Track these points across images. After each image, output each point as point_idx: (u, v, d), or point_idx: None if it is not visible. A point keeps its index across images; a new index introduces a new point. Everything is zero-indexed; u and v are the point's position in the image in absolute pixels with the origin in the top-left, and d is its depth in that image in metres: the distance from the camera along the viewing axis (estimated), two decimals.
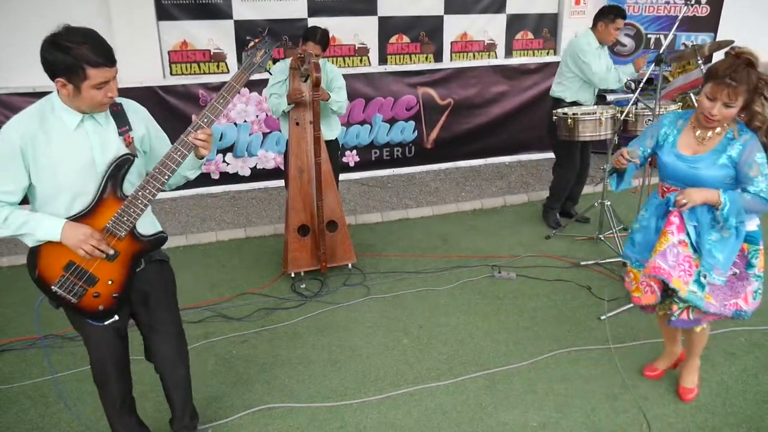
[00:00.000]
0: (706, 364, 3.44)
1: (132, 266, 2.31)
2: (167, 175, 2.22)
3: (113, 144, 2.23)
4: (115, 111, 2.25)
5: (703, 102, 2.61)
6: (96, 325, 2.33)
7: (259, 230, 5.35)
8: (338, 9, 6.14)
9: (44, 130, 2.12)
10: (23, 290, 4.44)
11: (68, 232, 2.13)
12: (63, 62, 1.99)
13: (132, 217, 2.22)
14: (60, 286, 2.21)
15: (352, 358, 3.57)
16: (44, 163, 2.12)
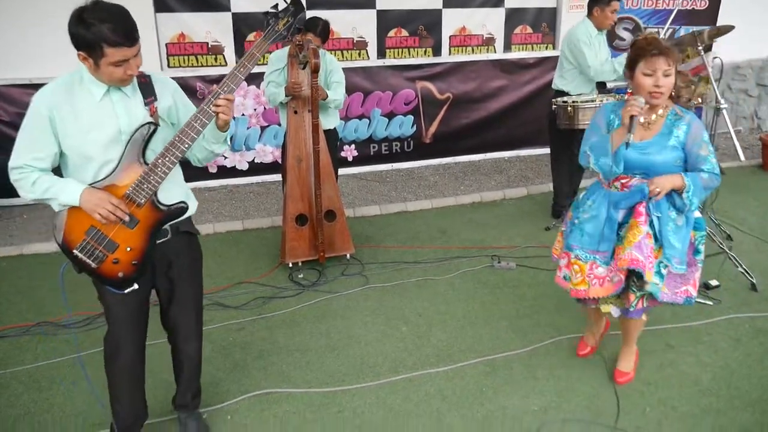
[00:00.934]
0: (709, 350, 3.40)
1: (152, 234, 2.31)
2: (187, 143, 2.22)
3: (139, 114, 2.26)
4: (142, 83, 2.30)
5: (644, 82, 2.62)
6: (116, 293, 2.34)
7: (257, 222, 5.30)
8: (336, 2, 6.12)
9: (71, 101, 2.19)
10: (18, 279, 4.40)
11: (86, 196, 2.18)
12: (83, 38, 2.04)
13: (152, 185, 2.23)
14: (81, 250, 2.24)
15: (350, 345, 3.53)
16: (71, 133, 2.19)
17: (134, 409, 2.62)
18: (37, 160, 2.20)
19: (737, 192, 5.83)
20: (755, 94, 7.95)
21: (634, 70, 2.66)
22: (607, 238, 2.80)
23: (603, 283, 2.82)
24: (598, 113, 2.90)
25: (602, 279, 2.82)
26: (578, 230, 2.86)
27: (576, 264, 2.85)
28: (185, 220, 2.47)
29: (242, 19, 5.92)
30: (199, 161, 2.52)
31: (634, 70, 2.66)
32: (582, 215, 2.87)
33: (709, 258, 4.36)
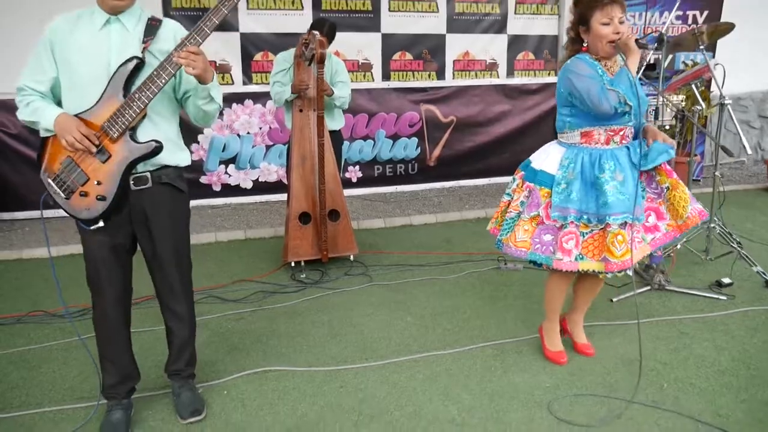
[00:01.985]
0: (726, 336, 3.29)
1: (124, 172, 2.25)
2: (164, 78, 2.18)
3: (131, 50, 2.25)
4: (151, 24, 2.30)
5: (602, 31, 2.60)
6: (85, 229, 2.29)
7: (259, 232, 5.25)
8: (342, 24, 6.21)
9: (75, 28, 2.26)
10: (14, 280, 4.32)
11: (60, 120, 2.19)
12: None
13: (126, 119, 2.19)
14: (54, 179, 2.25)
15: (353, 333, 3.41)
16: (64, 58, 2.24)
17: (120, 367, 2.51)
18: (36, 82, 2.24)
19: (744, 208, 5.78)
20: (757, 125, 8.00)
21: (589, 23, 2.62)
22: (639, 196, 2.67)
23: (636, 246, 2.69)
24: (580, 65, 2.65)
25: (634, 242, 2.68)
26: (618, 194, 2.60)
27: (619, 234, 2.62)
28: (169, 172, 2.38)
29: (250, 39, 6.04)
30: (194, 119, 2.45)
31: (589, 23, 2.62)
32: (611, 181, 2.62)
33: (720, 259, 4.29)
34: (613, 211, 2.60)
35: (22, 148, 5.52)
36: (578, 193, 2.67)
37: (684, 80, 4.45)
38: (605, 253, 2.67)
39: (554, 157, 2.81)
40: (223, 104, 5.95)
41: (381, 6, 6.33)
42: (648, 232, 2.77)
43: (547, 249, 2.77)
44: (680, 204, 2.72)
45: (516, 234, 2.82)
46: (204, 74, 2.24)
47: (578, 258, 2.71)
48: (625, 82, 2.57)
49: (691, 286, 3.95)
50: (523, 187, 2.87)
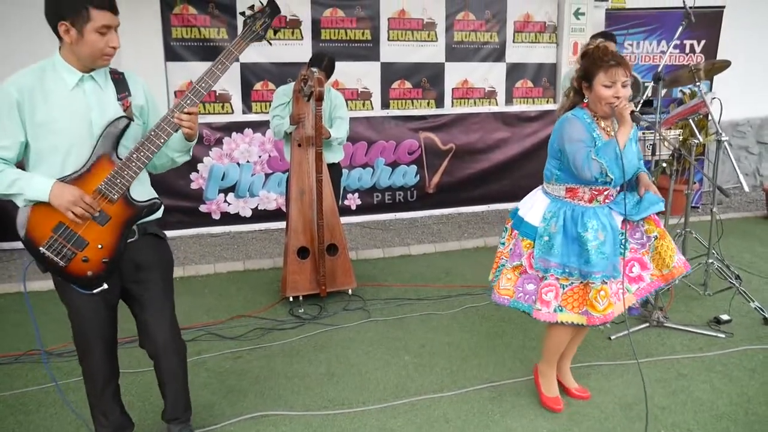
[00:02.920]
0: (724, 378, 3.28)
1: (124, 232, 2.24)
2: (163, 138, 2.19)
3: (111, 107, 2.22)
4: (116, 78, 2.27)
5: (604, 93, 2.60)
6: (84, 293, 2.23)
7: (259, 263, 5.25)
8: (342, 54, 6.28)
9: (43, 86, 2.13)
10: (13, 314, 4.32)
11: (57, 192, 2.09)
12: (68, 4, 2.04)
13: (125, 180, 2.17)
14: (48, 248, 2.14)
15: (351, 373, 3.41)
16: (40, 119, 2.12)
17: (113, 419, 2.51)
18: (2, 149, 2.10)
19: (743, 238, 5.78)
20: (756, 151, 8.02)
21: (592, 81, 2.63)
22: (616, 254, 2.71)
23: (620, 297, 2.73)
24: (574, 126, 2.65)
25: (617, 294, 2.73)
26: (598, 254, 2.63)
27: (602, 290, 2.66)
28: (152, 222, 2.38)
29: (250, 69, 6.08)
30: (155, 167, 2.42)
31: (592, 81, 2.63)
32: (594, 240, 2.64)
33: (719, 295, 4.29)
34: (595, 269, 2.64)
35: None
36: (560, 247, 2.69)
37: (681, 115, 4.47)
38: (587, 307, 2.70)
39: (538, 208, 2.82)
40: (223, 133, 5.99)
41: (380, 36, 6.37)
42: (632, 283, 2.80)
43: (529, 298, 2.82)
44: (667, 253, 2.76)
45: (500, 282, 2.89)
46: (193, 133, 2.27)
47: (557, 309, 2.75)
48: (611, 153, 2.55)
49: (690, 322, 3.94)
50: (512, 235, 2.92)
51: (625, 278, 2.76)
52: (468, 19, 6.63)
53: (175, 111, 2.19)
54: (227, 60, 2.27)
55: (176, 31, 5.81)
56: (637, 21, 6.71)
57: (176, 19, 5.79)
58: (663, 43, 6.65)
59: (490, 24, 6.70)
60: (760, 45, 7.64)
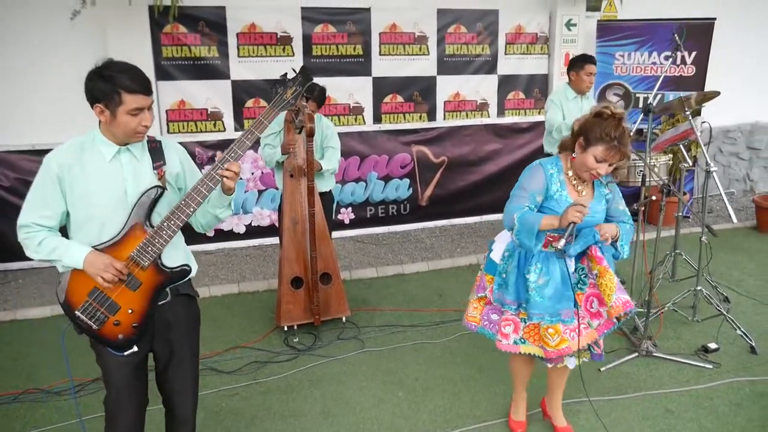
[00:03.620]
0: (711, 414, 3.35)
1: (154, 297, 2.30)
2: (192, 207, 2.24)
3: (146, 177, 2.30)
4: (153, 147, 2.35)
5: (591, 162, 2.64)
6: (116, 355, 2.32)
7: (253, 285, 5.28)
8: (334, 69, 6.29)
9: (81, 160, 2.24)
10: (8, 345, 4.33)
11: (90, 260, 2.20)
12: (102, 89, 2.14)
13: (156, 248, 2.24)
14: (83, 312, 2.25)
15: (346, 411, 3.46)
16: (79, 192, 2.23)
17: None
18: (44, 218, 2.24)
19: (732, 253, 5.85)
20: (746, 157, 8.08)
21: (588, 143, 2.64)
22: (567, 295, 2.79)
23: (582, 332, 2.81)
24: (533, 175, 2.74)
25: (577, 329, 2.80)
26: (537, 296, 2.76)
27: (550, 328, 2.78)
28: (185, 283, 2.46)
29: (241, 86, 6.07)
30: (202, 227, 2.52)
31: (588, 143, 2.64)
32: (535, 281, 2.76)
33: (708, 321, 4.36)
34: (534, 310, 2.79)
35: (14, 199, 5.54)
36: (514, 285, 2.84)
37: (671, 141, 4.51)
38: (541, 342, 2.84)
39: (500, 246, 2.96)
40: (215, 150, 5.99)
41: (372, 50, 6.37)
42: (594, 318, 2.88)
43: (493, 327, 2.99)
44: (605, 292, 2.79)
45: (468, 309, 3.08)
46: (233, 185, 2.32)
47: (519, 341, 2.90)
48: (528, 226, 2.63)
49: (678, 351, 4.02)
50: None
51: (587, 313, 2.87)
52: (459, 32, 6.62)
53: (204, 180, 2.24)
54: (257, 130, 2.32)
55: (166, 50, 5.79)
56: (629, 32, 6.72)
57: (166, 38, 5.76)
58: (654, 54, 6.67)
59: (482, 36, 6.71)
60: (750, 54, 7.68)
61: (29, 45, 5.56)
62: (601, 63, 6.83)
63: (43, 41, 5.56)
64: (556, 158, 2.81)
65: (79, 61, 5.62)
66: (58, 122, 5.62)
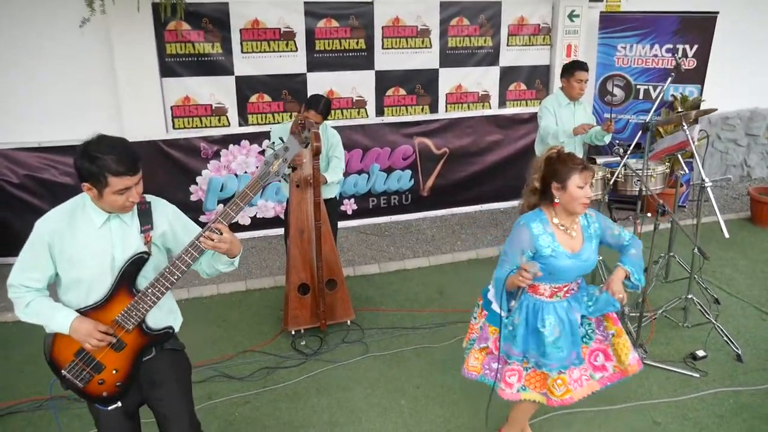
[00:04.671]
0: (695, 428, 3.55)
1: (138, 357, 2.43)
2: (177, 275, 2.32)
3: (134, 242, 2.37)
4: (141, 210, 2.41)
5: (577, 193, 2.75)
6: (101, 408, 2.47)
7: (260, 282, 5.46)
8: (336, 64, 6.33)
9: (72, 226, 2.31)
10: (30, 346, 4.51)
11: (76, 326, 2.29)
12: (88, 170, 2.19)
13: (140, 312, 2.35)
14: (69, 371, 2.37)
15: (351, 421, 3.67)
16: (68, 257, 2.30)
17: None
18: (32, 280, 2.33)
19: (726, 248, 5.99)
20: (744, 143, 8.17)
21: (564, 180, 2.75)
22: (575, 344, 2.92)
23: (582, 383, 2.95)
24: (517, 236, 2.83)
25: (580, 380, 2.94)
26: (553, 349, 2.85)
27: (559, 378, 2.89)
28: (170, 338, 2.55)
29: (245, 82, 6.13)
30: (207, 275, 2.60)
31: (564, 180, 2.75)
32: (548, 338, 2.85)
33: (697, 327, 4.54)
34: (551, 362, 2.87)
35: (24, 195, 5.67)
36: (521, 337, 2.92)
37: (668, 150, 4.61)
38: (546, 390, 2.95)
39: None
40: (220, 145, 6.09)
41: (374, 44, 6.40)
42: (597, 371, 3.02)
43: (493, 375, 3.07)
44: (623, 351, 2.99)
45: (469, 360, 3.15)
46: (233, 250, 2.39)
47: (521, 389, 3.00)
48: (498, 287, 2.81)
49: (668, 358, 4.21)
50: (482, 314, 3.13)
51: (590, 366, 3.01)
52: (462, 24, 6.63)
53: (182, 254, 2.31)
54: (242, 202, 2.35)
55: (170, 47, 5.83)
56: (631, 24, 6.72)
57: (170, 35, 5.79)
58: (656, 46, 6.69)
59: (485, 28, 6.72)
60: (749, 41, 7.67)
61: (37, 47, 5.60)
62: (602, 54, 6.88)
63: (50, 43, 5.60)
64: (539, 211, 2.87)
65: (85, 60, 5.73)
66: (64, 121, 5.72)
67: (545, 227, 2.82)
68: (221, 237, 2.29)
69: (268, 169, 2.39)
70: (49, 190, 5.70)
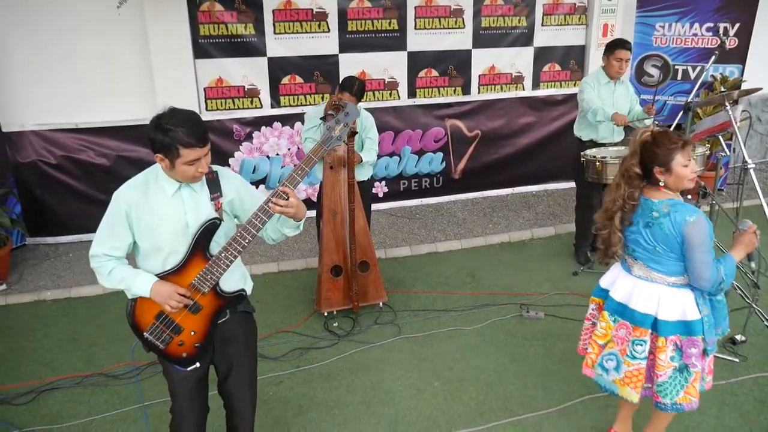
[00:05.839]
0: (734, 412, 3.49)
1: (214, 319, 2.53)
2: (248, 238, 2.38)
3: (205, 209, 2.46)
4: (210, 179, 2.50)
5: (684, 172, 2.67)
6: (180, 371, 2.56)
7: (292, 264, 5.49)
8: (368, 45, 6.29)
9: (147, 197, 2.42)
10: (67, 325, 4.63)
11: (156, 289, 2.41)
12: (161, 142, 2.28)
13: (215, 276, 2.42)
14: (151, 333, 2.49)
15: (385, 402, 3.68)
16: (145, 226, 2.42)
17: None
18: (113, 249, 2.45)
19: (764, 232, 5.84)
20: None
21: (668, 162, 2.67)
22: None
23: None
24: (707, 230, 2.66)
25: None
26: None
27: None
28: (242, 300, 2.66)
29: (277, 63, 6.13)
30: (273, 240, 2.66)
31: (668, 162, 2.67)
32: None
33: (736, 312, 4.44)
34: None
35: (61, 176, 5.77)
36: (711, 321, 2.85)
37: (709, 131, 4.49)
38: None
39: (682, 303, 2.79)
40: (252, 127, 6.11)
41: (407, 25, 6.33)
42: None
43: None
44: None
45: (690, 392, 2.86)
46: (299, 214, 2.43)
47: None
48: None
49: None
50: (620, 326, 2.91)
51: None
52: (496, 3, 6.53)
53: (269, 200, 2.34)
54: (307, 166, 2.39)
55: (204, 28, 5.84)
56: (671, 2, 6.54)
57: (203, 16, 5.81)
58: (696, 25, 6.51)
59: (519, 8, 6.61)
60: None
61: (74, 29, 5.66)
62: (639, 34, 6.73)
63: (87, 25, 5.65)
64: (683, 202, 2.76)
65: (120, 42, 5.77)
66: (100, 102, 5.79)
67: None
68: (288, 201, 2.34)
69: (331, 134, 2.45)
70: (85, 171, 5.79)
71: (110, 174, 5.72)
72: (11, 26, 5.55)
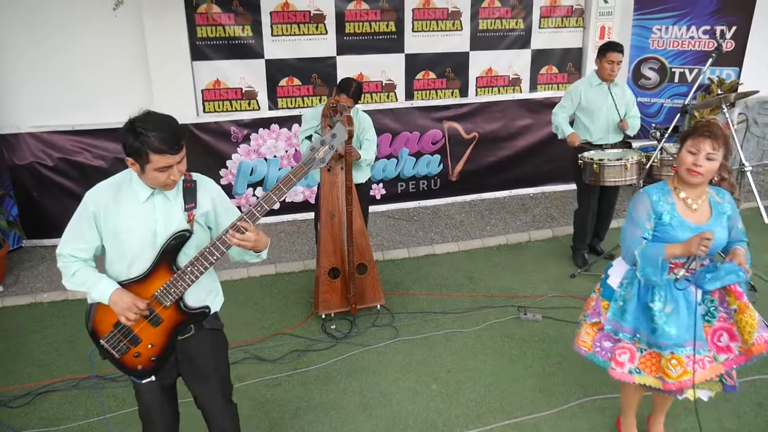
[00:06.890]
0: (732, 416, 3.49)
1: (174, 334, 2.46)
2: (216, 255, 2.33)
3: (176, 219, 2.40)
4: (187, 187, 2.44)
5: (686, 157, 2.66)
6: (135, 381, 2.53)
7: (289, 266, 5.48)
8: (366, 47, 6.30)
9: (117, 199, 2.37)
10: (65, 327, 4.61)
11: (115, 298, 2.34)
12: (132, 146, 2.23)
13: (179, 290, 2.37)
14: (107, 341, 2.42)
15: (383, 404, 3.67)
16: (112, 229, 2.37)
17: None
18: (79, 250, 2.40)
19: (763, 233, 5.84)
20: None
21: (683, 143, 2.70)
22: (691, 330, 2.72)
23: (705, 365, 2.76)
24: (638, 204, 2.77)
25: (702, 361, 2.75)
26: (665, 326, 2.70)
27: (674, 358, 2.72)
28: (209, 317, 2.57)
29: (275, 65, 6.13)
30: (236, 261, 2.63)
31: (683, 143, 2.70)
32: (661, 315, 2.72)
33: None
34: (660, 341, 2.73)
35: (58, 178, 5.76)
36: (632, 314, 2.81)
37: None
38: (661, 373, 2.79)
39: (619, 272, 2.93)
40: (250, 129, 6.13)
41: (405, 27, 6.35)
42: (721, 352, 2.80)
43: (605, 354, 2.93)
44: (746, 329, 2.72)
45: (580, 334, 3.04)
46: (257, 247, 2.39)
47: (634, 371, 2.84)
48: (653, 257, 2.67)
49: None
50: (599, 290, 3.03)
51: (713, 347, 2.80)
52: (493, 6, 6.54)
53: (228, 230, 2.31)
54: (285, 187, 2.34)
55: (201, 30, 5.84)
56: (668, 5, 6.57)
57: (201, 18, 5.81)
58: (693, 28, 6.53)
59: (516, 10, 6.63)
60: None
61: (72, 31, 5.66)
62: (636, 37, 6.75)
63: (84, 27, 5.65)
64: (663, 183, 2.80)
65: (117, 44, 5.77)
66: (97, 105, 5.78)
67: (666, 197, 2.75)
68: (244, 235, 2.29)
69: (314, 155, 2.38)
70: (82, 173, 5.78)
71: (107, 176, 5.54)
72: (7, 28, 5.55)
